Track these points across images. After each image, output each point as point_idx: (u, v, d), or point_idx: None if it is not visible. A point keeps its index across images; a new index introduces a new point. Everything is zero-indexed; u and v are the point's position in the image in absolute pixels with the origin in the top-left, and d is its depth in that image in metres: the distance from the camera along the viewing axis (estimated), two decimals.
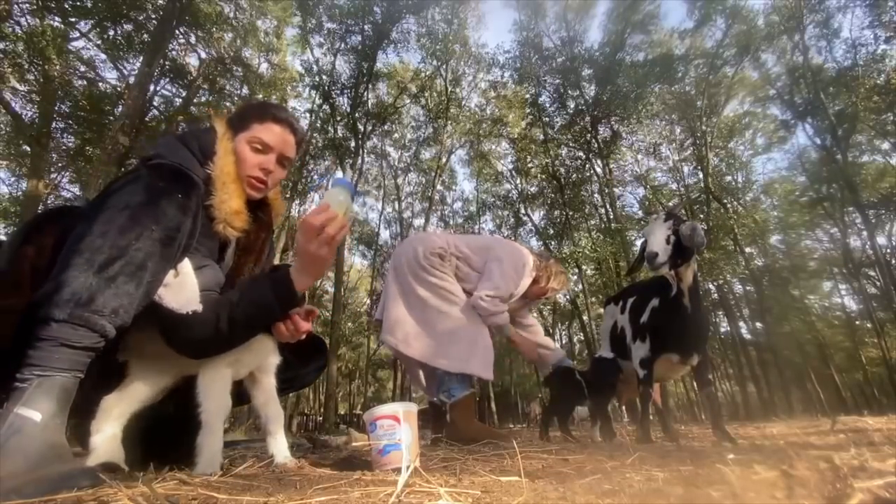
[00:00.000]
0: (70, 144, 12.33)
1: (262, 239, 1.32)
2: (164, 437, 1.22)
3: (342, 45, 16.74)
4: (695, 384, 16.29)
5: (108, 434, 1.05)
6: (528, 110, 19.65)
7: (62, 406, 0.80)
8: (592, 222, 20.09)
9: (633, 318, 2.50)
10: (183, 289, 1.00)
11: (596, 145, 18.26)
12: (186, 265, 1.02)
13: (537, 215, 21.23)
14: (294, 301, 1.08)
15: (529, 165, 20.41)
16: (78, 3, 10.68)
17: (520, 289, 2.41)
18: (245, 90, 14.53)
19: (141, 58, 10.33)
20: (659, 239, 2.07)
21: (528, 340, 2.64)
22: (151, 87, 11.47)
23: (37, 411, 0.75)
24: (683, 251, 2.10)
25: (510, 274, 2.34)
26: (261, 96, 14.58)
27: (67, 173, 13.68)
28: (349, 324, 25.36)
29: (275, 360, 1.26)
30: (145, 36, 11.42)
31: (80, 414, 1.17)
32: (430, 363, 2.15)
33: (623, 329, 2.63)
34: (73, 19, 10.93)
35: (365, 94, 17.09)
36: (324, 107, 17.44)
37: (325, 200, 1.04)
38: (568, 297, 18.84)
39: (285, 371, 1.34)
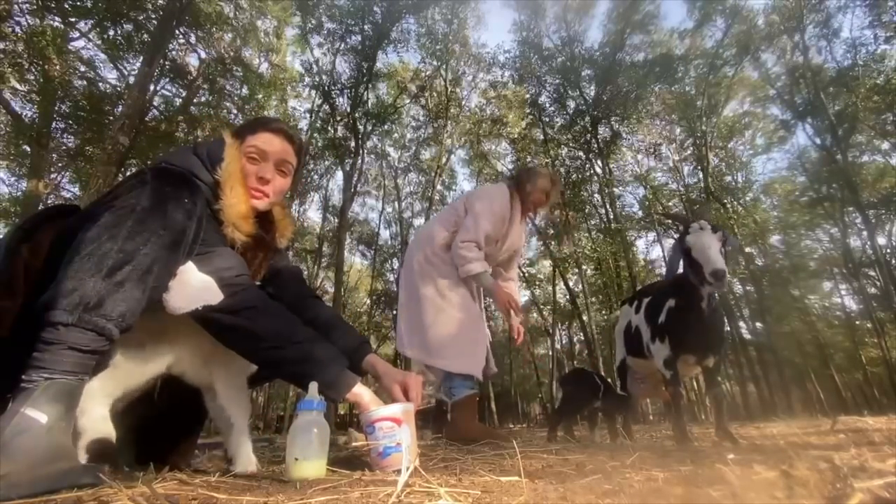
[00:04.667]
0: (70, 144, 12.30)
1: (259, 258, 1.29)
2: (159, 436, 1.22)
3: (342, 45, 16.70)
4: (696, 384, 16.29)
5: (96, 415, 1.01)
6: (528, 110, 19.60)
7: (69, 409, 0.80)
8: (592, 222, 20.08)
9: (650, 319, 2.46)
10: (184, 288, 1.00)
11: (596, 145, 18.24)
12: (189, 266, 1.02)
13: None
14: (338, 395, 1.08)
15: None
16: (78, 3, 10.67)
17: (496, 227, 2.34)
18: (245, 90, 14.50)
19: (141, 58, 10.30)
20: (717, 253, 1.98)
21: (505, 292, 2.39)
22: (151, 87, 11.42)
23: (43, 413, 0.75)
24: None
25: (482, 213, 2.30)
26: (261, 96, 14.57)
27: (67, 173, 13.66)
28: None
29: None
30: (145, 36, 11.38)
31: None
32: (427, 362, 2.15)
33: (638, 328, 2.61)
34: (73, 19, 10.92)
35: (365, 94, 17.05)
36: (324, 107, 17.41)
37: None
38: (567, 297, 18.82)
39: None
